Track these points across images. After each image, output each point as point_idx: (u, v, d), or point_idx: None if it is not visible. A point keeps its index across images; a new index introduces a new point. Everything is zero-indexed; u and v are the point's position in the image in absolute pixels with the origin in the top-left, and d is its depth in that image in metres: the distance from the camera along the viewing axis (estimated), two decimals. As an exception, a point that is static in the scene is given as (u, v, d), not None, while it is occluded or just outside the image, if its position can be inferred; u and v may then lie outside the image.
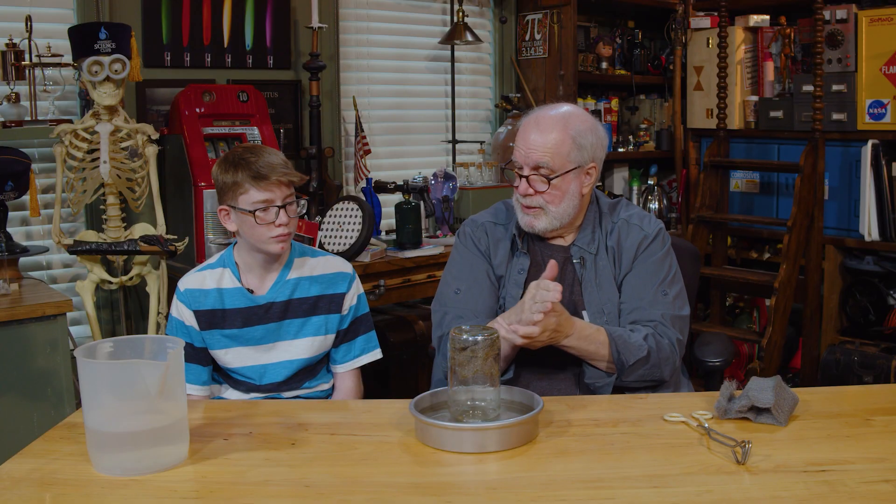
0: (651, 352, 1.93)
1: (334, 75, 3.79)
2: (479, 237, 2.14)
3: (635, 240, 2.06)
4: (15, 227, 3.04)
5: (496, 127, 4.44)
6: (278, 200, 2.05)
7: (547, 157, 1.98)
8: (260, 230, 2.05)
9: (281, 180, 2.05)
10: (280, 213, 2.05)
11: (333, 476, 1.46)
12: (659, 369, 1.95)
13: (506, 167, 2.16)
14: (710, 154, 4.12)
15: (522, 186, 2.02)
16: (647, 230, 2.08)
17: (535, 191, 2.00)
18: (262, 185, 2.03)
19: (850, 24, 3.68)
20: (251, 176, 2.03)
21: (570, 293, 2.05)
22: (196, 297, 2.14)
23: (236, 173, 2.04)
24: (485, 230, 2.15)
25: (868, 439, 1.56)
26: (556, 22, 4.24)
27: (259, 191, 2.03)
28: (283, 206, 2.06)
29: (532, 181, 2.01)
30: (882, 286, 3.70)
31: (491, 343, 1.61)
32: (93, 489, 1.41)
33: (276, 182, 2.04)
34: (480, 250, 2.12)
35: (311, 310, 2.17)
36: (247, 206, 2.04)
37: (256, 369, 2.16)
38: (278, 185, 2.05)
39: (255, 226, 2.05)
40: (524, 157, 2.01)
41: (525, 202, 2.03)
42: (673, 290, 2.04)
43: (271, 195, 2.04)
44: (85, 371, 1.48)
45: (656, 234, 2.07)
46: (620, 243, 2.06)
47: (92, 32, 2.77)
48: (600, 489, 1.39)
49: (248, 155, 2.06)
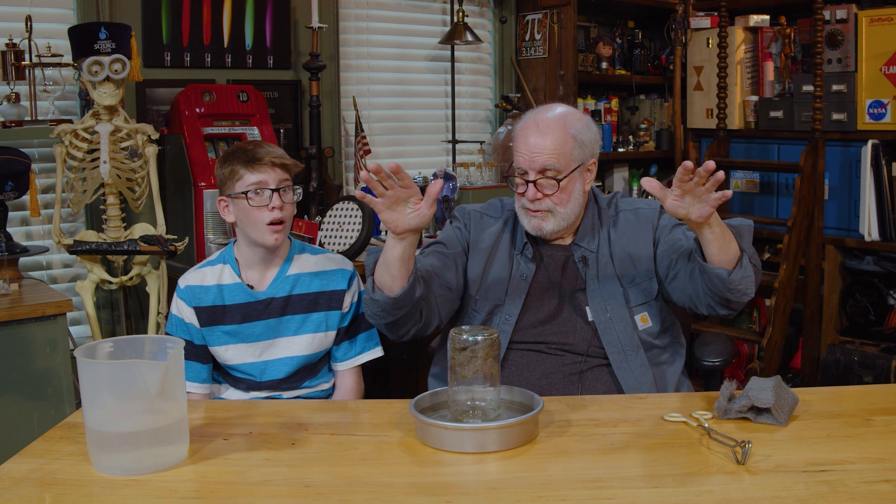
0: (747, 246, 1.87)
1: (334, 75, 3.79)
2: (465, 223, 2.16)
3: (646, 219, 2.09)
4: (15, 227, 3.04)
5: (496, 127, 4.44)
6: (272, 183, 2.08)
7: (553, 158, 1.97)
8: (254, 215, 2.07)
9: (274, 162, 2.08)
10: (273, 197, 2.07)
11: (333, 476, 1.46)
12: (753, 267, 1.87)
13: (507, 175, 2.12)
14: (710, 154, 4.12)
15: (531, 192, 2.00)
16: (651, 205, 2.12)
17: (544, 194, 1.99)
18: (254, 167, 2.07)
19: (850, 24, 3.68)
20: (245, 161, 2.08)
21: (572, 292, 2.05)
22: (196, 293, 2.15)
23: (232, 162, 2.10)
24: (470, 217, 2.16)
25: (868, 439, 1.56)
26: (556, 22, 4.24)
27: (252, 173, 2.07)
28: (277, 190, 2.07)
29: (540, 185, 1.99)
30: (882, 286, 3.70)
31: (491, 343, 1.61)
32: (93, 489, 1.41)
33: (269, 164, 2.08)
34: (462, 235, 2.14)
35: (311, 306, 2.17)
36: (241, 189, 2.07)
37: (257, 366, 2.16)
38: (271, 166, 2.08)
39: (250, 210, 2.07)
40: (529, 161, 1.99)
41: (532, 206, 2.01)
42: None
43: (264, 177, 2.07)
44: (85, 371, 1.48)
45: (660, 207, 2.09)
46: (630, 233, 2.08)
47: (92, 32, 2.77)
48: (600, 489, 1.39)
49: (246, 145, 2.14)
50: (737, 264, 1.83)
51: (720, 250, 1.81)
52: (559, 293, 2.05)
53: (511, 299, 2.05)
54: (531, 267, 2.07)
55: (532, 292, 2.05)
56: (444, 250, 2.09)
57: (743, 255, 1.84)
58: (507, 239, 2.12)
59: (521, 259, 2.08)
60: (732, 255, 1.82)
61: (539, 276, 2.07)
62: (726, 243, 1.81)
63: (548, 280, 2.07)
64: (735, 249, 1.83)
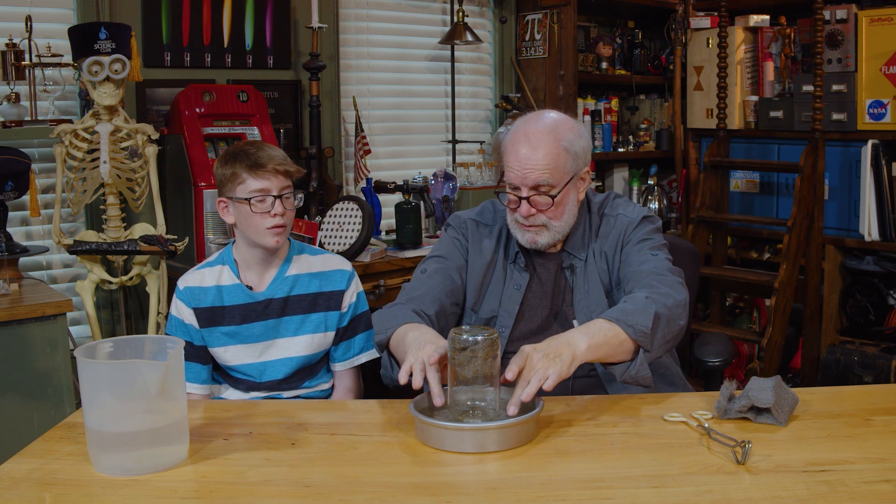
0: (658, 305, 1.76)
1: (334, 75, 3.79)
2: (462, 233, 2.11)
3: (620, 228, 2.02)
4: (15, 227, 3.04)
5: (496, 127, 4.44)
6: (274, 190, 2.07)
7: (546, 174, 1.91)
8: (256, 220, 2.06)
9: (278, 169, 2.07)
10: (276, 203, 2.07)
11: (333, 476, 1.46)
12: (675, 322, 1.79)
13: (498, 186, 2.07)
14: (710, 154, 4.12)
15: (524, 209, 1.93)
16: (630, 216, 2.03)
17: (538, 210, 1.94)
18: (258, 174, 2.06)
19: (850, 24, 3.69)
20: (248, 165, 2.06)
21: (561, 302, 2.03)
22: (195, 294, 2.15)
23: (234, 164, 2.08)
24: (466, 227, 2.12)
25: (868, 439, 1.56)
26: (556, 22, 4.24)
27: (255, 179, 2.06)
28: (279, 197, 2.07)
29: (534, 201, 1.93)
30: (882, 286, 3.70)
31: (491, 343, 1.60)
32: (93, 489, 1.41)
33: (272, 171, 2.06)
34: (462, 246, 2.10)
35: (311, 307, 2.17)
36: (243, 195, 2.06)
37: (256, 367, 2.16)
38: (275, 174, 2.07)
39: (251, 215, 2.06)
40: (521, 178, 1.92)
41: (527, 222, 1.96)
42: (663, 253, 1.96)
43: (268, 184, 2.06)
44: (85, 371, 1.48)
45: (641, 219, 2.03)
46: (608, 241, 2.02)
47: (92, 32, 2.77)
48: (600, 489, 1.38)
49: (248, 147, 2.11)
50: (634, 357, 1.73)
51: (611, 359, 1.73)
52: (550, 302, 2.03)
53: (505, 310, 2.03)
54: (525, 276, 2.04)
55: (525, 302, 2.03)
56: (446, 265, 2.06)
57: (639, 351, 1.73)
58: (501, 250, 2.09)
59: (515, 269, 2.05)
60: (626, 354, 1.73)
61: (532, 286, 2.04)
62: (615, 356, 1.72)
63: (540, 290, 2.04)
64: (628, 349, 1.72)
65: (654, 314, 1.73)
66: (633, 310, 1.74)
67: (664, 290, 1.82)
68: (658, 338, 1.74)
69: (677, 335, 1.82)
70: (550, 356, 1.62)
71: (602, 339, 1.69)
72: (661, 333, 1.75)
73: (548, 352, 1.63)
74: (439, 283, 2.01)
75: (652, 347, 1.73)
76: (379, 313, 1.94)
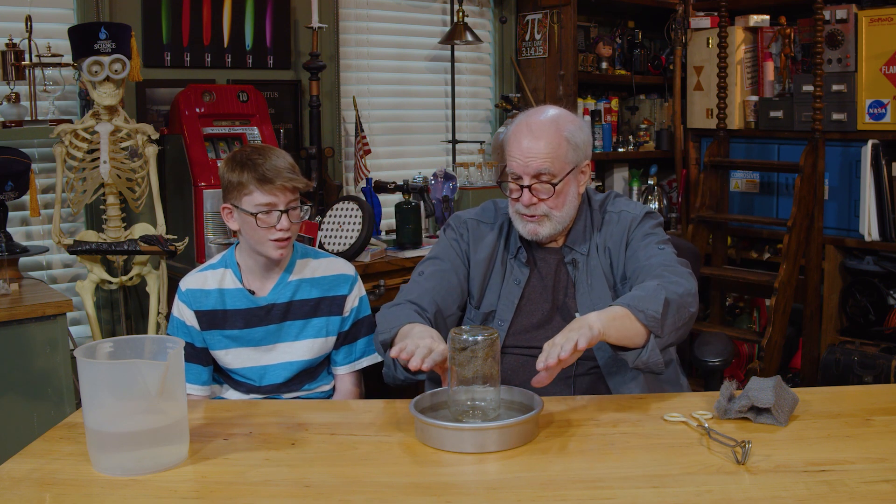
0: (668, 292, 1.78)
1: (334, 75, 3.79)
2: (461, 233, 2.12)
3: (624, 225, 2.05)
4: (15, 227, 3.04)
5: (496, 127, 4.44)
6: (281, 205, 2.05)
7: (547, 162, 1.95)
8: (260, 233, 2.05)
9: (286, 185, 2.04)
10: (282, 218, 2.05)
11: (333, 476, 1.46)
12: (685, 309, 1.81)
13: (500, 181, 2.09)
14: (710, 154, 4.12)
15: (525, 197, 1.97)
16: (633, 212, 2.07)
17: (539, 199, 1.97)
18: (266, 189, 2.03)
19: (850, 24, 3.69)
20: (257, 178, 2.02)
21: (563, 296, 2.04)
22: (197, 297, 2.14)
23: (242, 173, 2.04)
24: (466, 227, 2.13)
25: (868, 439, 1.56)
26: (556, 22, 4.24)
27: (263, 194, 2.03)
28: (286, 211, 2.05)
29: (535, 190, 1.96)
30: (882, 286, 3.70)
31: (491, 343, 1.61)
32: (93, 489, 1.41)
33: (280, 187, 2.03)
34: (460, 247, 2.10)
35: (313, 312, 2.17)
36: (249, 208, 2.04)
37: (256, 370, 2.16)
38: (283, 189, 2.04)
39: (256, 228, 2.05)
40: (522, 166, 1.96)
41: (528, 212, 1.99)
42: (669, 248, 2.00)
43: (275, 199, 2.04)
44: (85, 371, 1.48)
45: (644, 215, 2.06)
46: (612, 237, 2.05)
47: (92, 32, 2.77)
48: (600, 489, 1.39)
49: (256, 156, 2.05)
50: (646, 343, 1.75)
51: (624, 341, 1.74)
52: (552, 297, 2.04)
53: (504, 304, 2.04)
54: (525, 271, 2.06)
55: (525, 297, 2.04)
56: (443, 267, 2.06)
57: (650, 336, 1.74)
58: (502, 245, 2.10)
59: (515, 263, 2.07)
60: (638, 338, 1.74)
61: (532, 281, 2.06)
62: (628, 337, 1.73)
63: (541, 284, 2.05)
64: (639, 332, 1.73)
65: (664, 300, 1.75)
66: (644, 296, 1.77)
67: (674, 279, 1.85)
68: (669, 324, 1.76)
69: (688, 322, 1.84)
70: (573, 329, 1.64)
71: (614, 315, 1.72)
72: (672, 319, 1.77)
73: (568, 330, 1.64)
74: (436, 286, 2.03)
75: (663, 332, 1.75)
76: (382, 313, 1.96)
